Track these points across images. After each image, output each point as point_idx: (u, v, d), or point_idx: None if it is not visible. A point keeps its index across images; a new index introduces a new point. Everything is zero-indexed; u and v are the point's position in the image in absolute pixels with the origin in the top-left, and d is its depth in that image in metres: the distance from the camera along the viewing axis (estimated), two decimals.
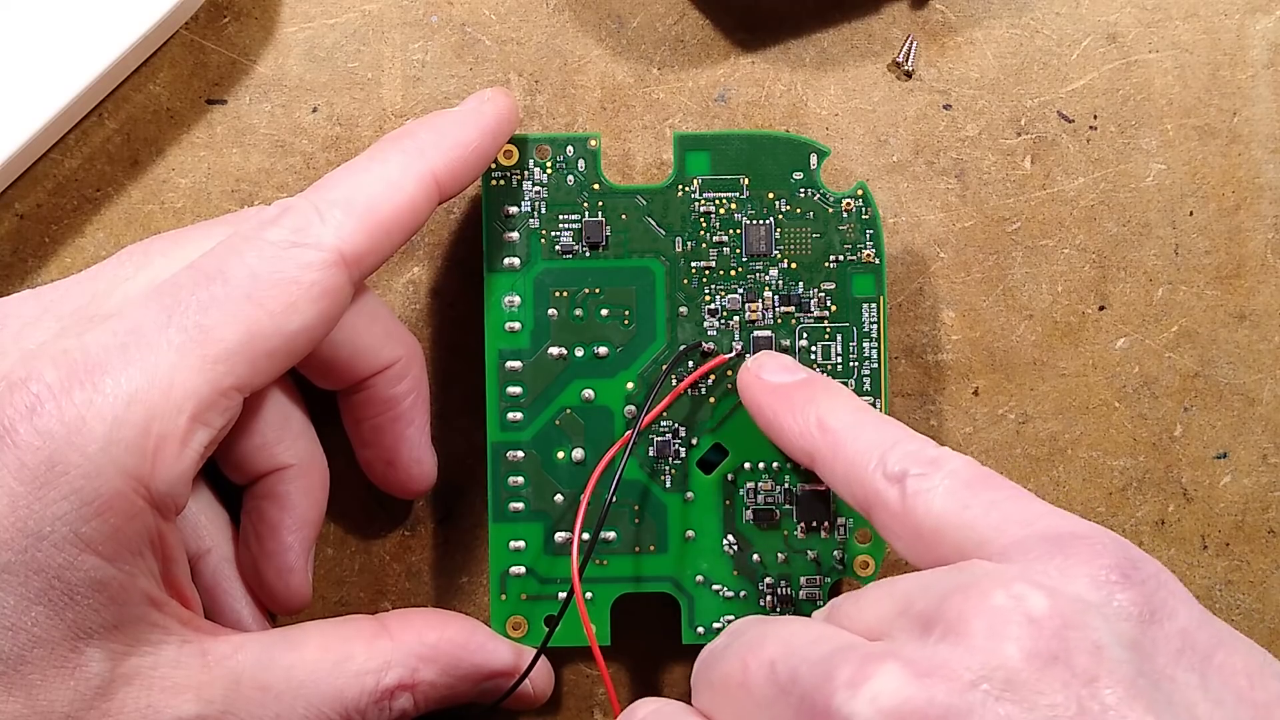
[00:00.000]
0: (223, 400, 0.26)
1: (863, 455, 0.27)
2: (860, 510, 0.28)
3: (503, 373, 0.33)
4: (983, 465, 0.27)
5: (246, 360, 0.26)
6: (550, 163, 0.33)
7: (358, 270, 0.28)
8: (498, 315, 0.33)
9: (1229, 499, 0.35)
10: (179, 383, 0.25)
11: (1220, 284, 0.35)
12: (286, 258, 0.27)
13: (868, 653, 0.23)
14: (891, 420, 0.29)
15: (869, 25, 0.35)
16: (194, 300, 0.26)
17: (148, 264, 0.28)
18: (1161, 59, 0.35)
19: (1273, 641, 0.35)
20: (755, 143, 0.33)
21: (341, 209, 0.28)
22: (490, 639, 0.31)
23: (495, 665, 0.31)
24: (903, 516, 0.26)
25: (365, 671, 0.29)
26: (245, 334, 0.26)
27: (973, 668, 0.22)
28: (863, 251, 0.33)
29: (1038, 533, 0.25)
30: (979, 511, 0.26)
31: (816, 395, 0.30)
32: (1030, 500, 0.26)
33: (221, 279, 0.26)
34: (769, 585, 0.33)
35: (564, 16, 0.35)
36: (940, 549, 0.26)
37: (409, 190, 0.29)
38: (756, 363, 0.31)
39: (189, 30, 0.34)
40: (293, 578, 0.31)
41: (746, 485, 0.33)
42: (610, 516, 0.33)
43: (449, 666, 0.30)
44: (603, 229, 0.33)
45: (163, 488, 0.25)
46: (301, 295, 0.27)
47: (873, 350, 0.33)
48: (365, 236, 0.28)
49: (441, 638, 0.30)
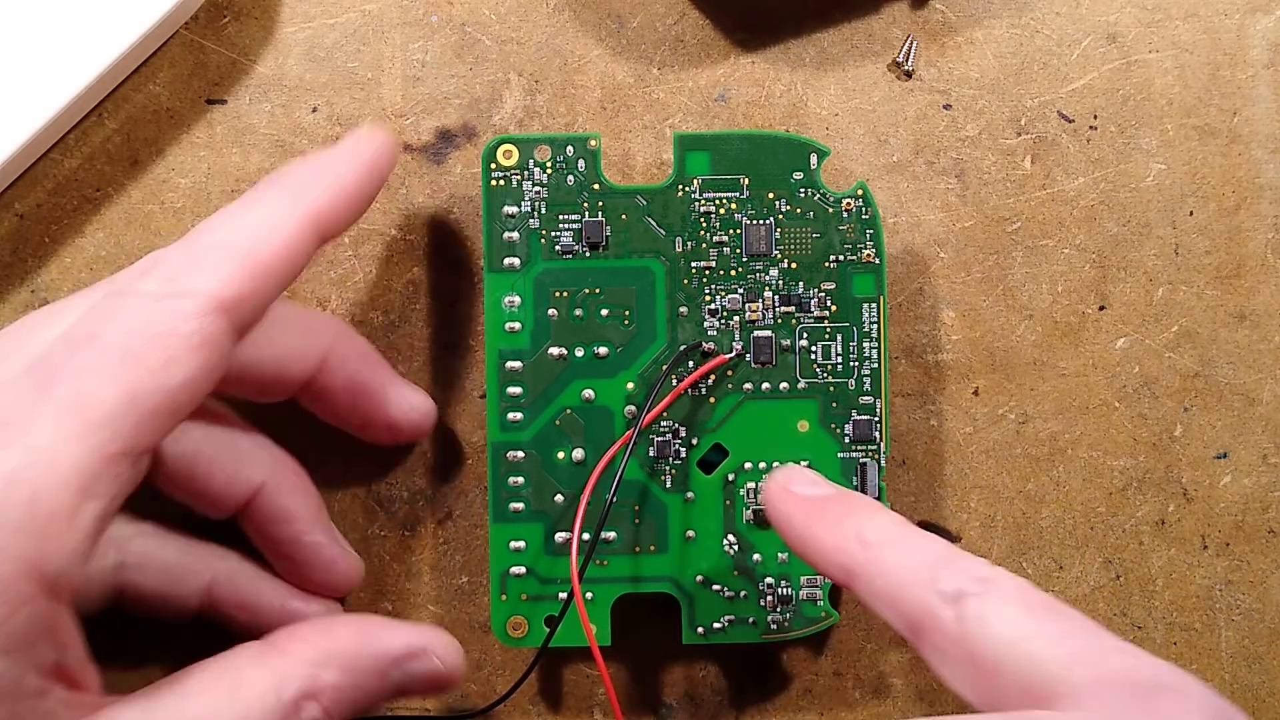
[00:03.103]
0: (110, 468, 0.24)
1: (911, 572, 0.26)
2: (907, 633, 0.26)
3: (503, 373, 0.33)
4: (1038, 589, 0.25)
5: (130, 423, 0.24)
6: (550, 163, 0.33)
7: (239, 316, 0.26)
8: (497, 315, 0.33)
9: (1229, 499, 0.35)
10: (61, 456, 0.24)
11: (1220, 284, 0.35)
12: (160, 310, 0.25)
13: None
14: (935, 537, 0.27)
15: (869, 25, 0.35)
16: (68, 369, 0.25)
17: (20, 346, 0.27)
18: (1161, 59, 0.35)
19: (1273, 642, 0.35)
20: (755, 143, 0.33)
21: (217, 254, 0.26)
22: (383, 626, 0.29)
23: (396, 649, 0.29)
24: (959, 641, 0.24)
25: (262, 692, 0.27)
26: (126, 395, 0.24)
27: None
28: (863, 251, 0.33)
29: (1116, 678, 0.23)
30: (1045, 644, 0.24)
31: (855, 509, 0.28)
32: (1100, 633, 0.24)
33: (94, 342, 0.25)
34: (769, 585, 0.33)
35: (564, 16, 0.35)
36: (999, 681, 0.24)
37: (287, 232, 0.27)
38: (785, 475, 0.30)
39: (189, 30, 0.34)
40: (338, 566, 0.32)
41: (747, 485, 0.33)
42: (610, 517, 0.33)
43: (348, 664, 0.28)
44: (603, 229, 0.33)
45: (54, 568, 0.23)
46: (179, 346, 0.25)
47: (873, 350, 0.33)
48: (244, 281, 0.26)
49: (332, 637, 0.29)
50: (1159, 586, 0.35)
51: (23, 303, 0.34)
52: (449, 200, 0.35)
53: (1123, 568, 0.35)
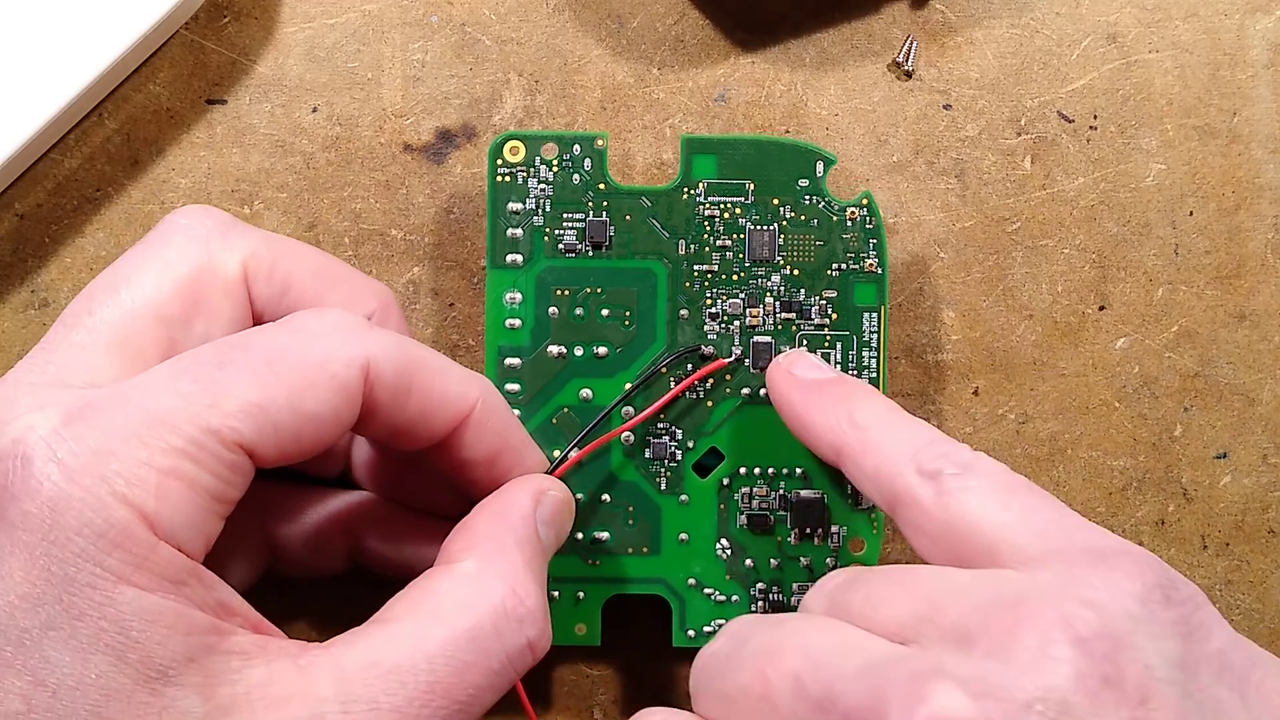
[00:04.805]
0: (226, 452, 0.25)
1: (895, 451, 0.27)
2: (885, 506, 0.28)
3: (501, 370, 0.33)
4: (1017, 475, 0.27)
5: (254, 422, 0.25)
6: (556, 161, 0.33)
7: (376, 383, 0.26)
8: (498, 312, 0.33)
9: (1229, 499, 0.35)
10: (182, 423, 0.24)
11: (1220, 284, 0.35)
12: (316, 341, 0.26)
13: (914, 670, 0.23)
14: (923, 422, 0.29)
15: (869, 25, 0.35)
16: (210, 359, 0.25)
17: (93, 312, 0.27)
18: (1161, 59, 0.35)
19: (1273, 641, 0.35)
20: (762, 148, 0.33)
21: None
22: (510, 495, 0.29)
23: (527, 506, 0.28)
24: (934, 513, 0.26)
25: (500, 593, 0.26)
26: (259, 397, 0.25)
27: (1026, 689, 0.22)
28: (865, 261, 0.33)
29: (1078, 545, 0.24)
30: (1017, 515, 0.25)
31: (850, 393, 0.30)
32: (1068, 512, 0.26)
33: (244, 347, 0.26)
34: (761, 591, 0.33)
35: (564, 16, 0.35)
36: (967, 549, 0.26)
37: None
38: (788, 359, 0.31)
39: (189, 30, 0.34)
40: (535, 457, 0.30)
41: (742, 490, 0.33)
42: (604, 518, 0.33)
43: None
44: (606, 229, 0.33)
45: (168, 524, 0.24)
46: (321, 377, 0.26)
47: (872, 359, 0.33)
48: (393, 370, 0.27)
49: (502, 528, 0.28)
50: None
51: (23, 303, 0.34)
52: (449, 200, 0.35)
53: None
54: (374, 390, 0.26)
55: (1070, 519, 0.26)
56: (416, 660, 0.25)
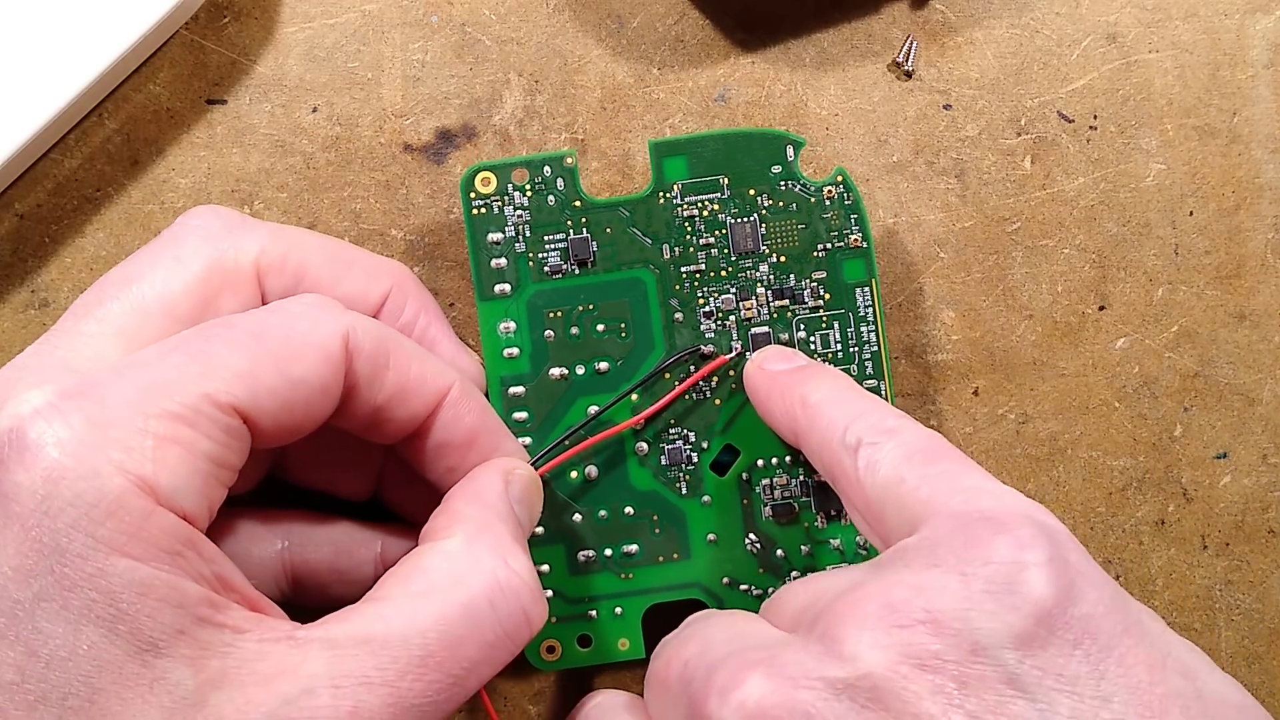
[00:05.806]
0: (221, 415, 0.25)
1: (833, 426, 0.28)
2: (832, 485, 0.28)
3: (506, 399, 0.32)
4: (940, 437, 0.27)
5: (247, 387, 0.26)
6: (529, 185, 0.33)
7: (356, 356, 0.27)
8: (494, 343, 0.32)
9: (1229, 499, 0.35)
10: (176, 392, 0.25)
11: (1220, 284, 0.35)
12: (299, 315, 0.27)
13: (747, 658, 0.24)
14: (872, 397, 0.29)
15: (869, 25, 0.35)
16: (198, 336, 0.26)
17: (102, 309, 0.28)
18: (1161, 59, 0.35)
19: (1272, 641, 0.35)
20: (729, 141, 0.33)
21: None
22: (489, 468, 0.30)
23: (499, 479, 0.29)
24: (856, 486, 0.27)
25: (491, 563, 0.27)
26: (248, 365, 0.26)
27: (839, 675, 0.23)
28: (849, 237, 0.33)
29: (953, 512, 0.24)
30: (912, 485, 0.26)
31: (808, 377, 0.30)
32: (964, 474, 0.26)
33: (229, 325, 0.27)
34: (795, 578, 0.33)
35: (564, 16, 0.35)
36: (886, 523, 0.26)
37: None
38: (761, 355, 0.32)
39: (189, 30, 0.34)
40: (513, 444, 0.31)
41: (762, 482, 0.33)
42: (631, 529, 0.33)
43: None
44: (589, 245, 0.33)
45: (166, 489, 0.24)
46: (306, 345, 0.27)
47: (871, 334, 0.33)
48: (373, 345, 0.28)
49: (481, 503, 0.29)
50: (1159, 586, 0.35)
51: (23, 303, 0.34)
52: (449, 200, 0.35)
53: (1123, 567, 0.35)
54: (354, 361, 0.27)
55: (961, 481, 0.25)
56: (409, 634, 0.25)
